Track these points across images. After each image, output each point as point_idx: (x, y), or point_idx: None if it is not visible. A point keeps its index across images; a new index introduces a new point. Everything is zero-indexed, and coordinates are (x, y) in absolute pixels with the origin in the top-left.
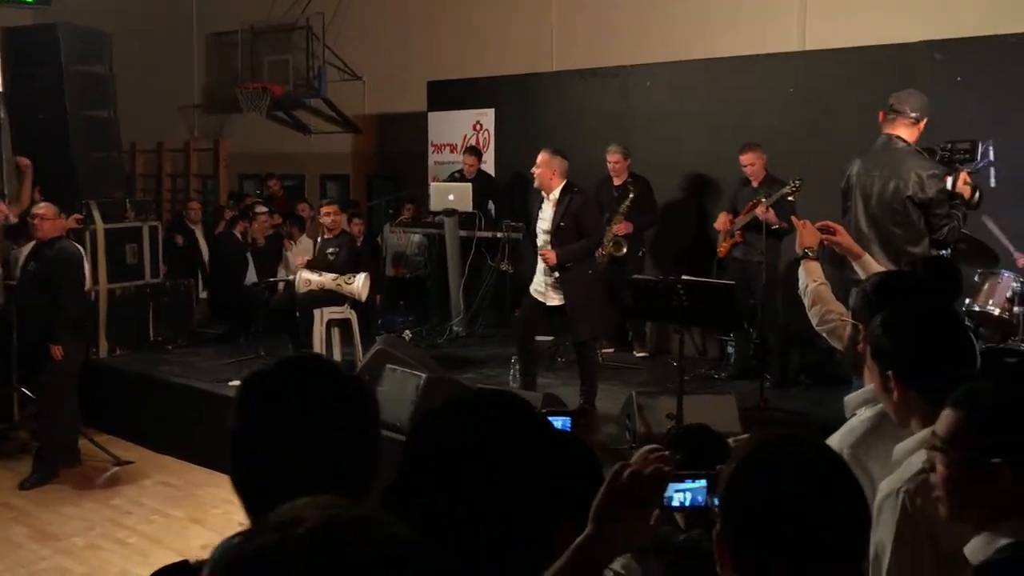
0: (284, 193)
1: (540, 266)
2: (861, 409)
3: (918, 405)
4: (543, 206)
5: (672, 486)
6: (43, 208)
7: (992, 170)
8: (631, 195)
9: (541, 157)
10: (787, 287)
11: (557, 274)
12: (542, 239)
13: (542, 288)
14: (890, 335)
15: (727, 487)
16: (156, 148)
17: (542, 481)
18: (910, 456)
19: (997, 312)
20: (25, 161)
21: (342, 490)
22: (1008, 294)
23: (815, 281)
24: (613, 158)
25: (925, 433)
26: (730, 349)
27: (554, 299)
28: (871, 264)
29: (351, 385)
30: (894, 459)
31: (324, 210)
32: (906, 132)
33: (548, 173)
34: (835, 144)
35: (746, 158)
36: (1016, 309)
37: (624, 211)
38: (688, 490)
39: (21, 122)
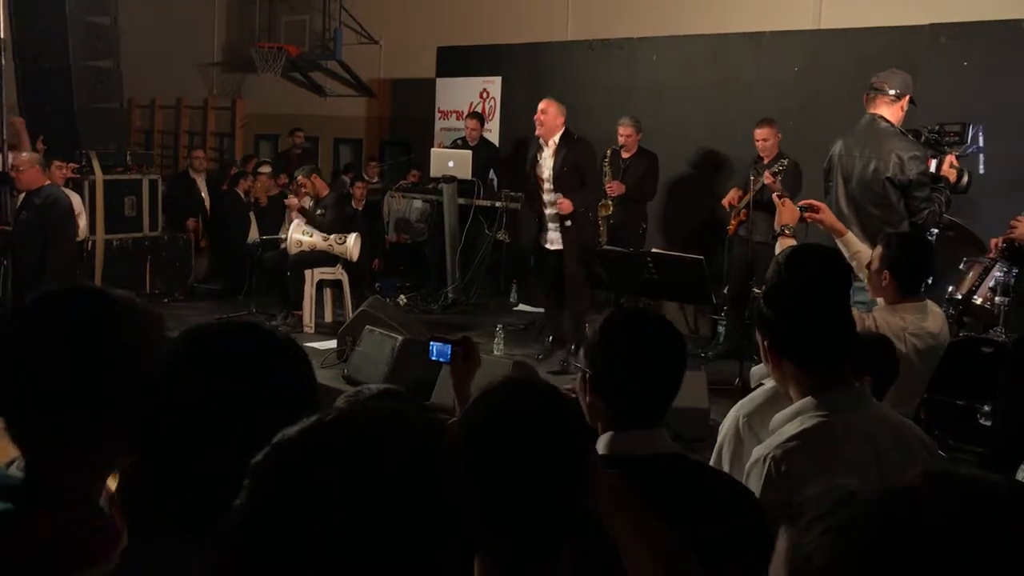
0: (302, 152)
1: (549, 211)
2: (766, 380)
3: (792, 373)
4: (542, 154)
5: None
6: (20, 159)
7: (981, 156)
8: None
9: (547, 104)
10: None
11: (568, 222)
12: (546, 186)
13: (545, 235)
14: (769, 307)
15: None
16: (175, 104)
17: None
18: (785, 425)
19: (979, 301)
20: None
21: (104, 432)
22: (991, 284)
23: None
24: (625, 131)
25: (800, 403)
26: (720, 328)
27: (557, 244)
28: (853, 242)
29: (107, 314)
30: (771, 428)
31: (299, 180)
32: (887, 111)
33: (553, 119)
34: (839, 124)
35: (761, 132)
36: (998, 299)
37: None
38: None
39: (25, 70)
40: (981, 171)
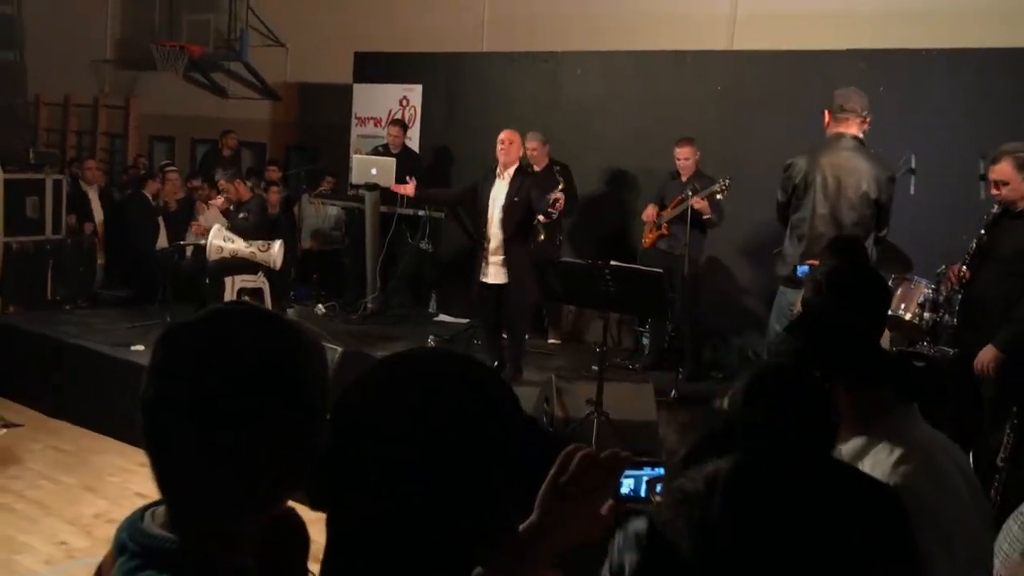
0: (230, 156)
1: (492, 244)
2: None
3: (848, 401)
4: (496, 183)
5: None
6: None
7: (912, 179)
8: (560, 186)
9: (511, 134)
10: (708, 282)
11: (501, 255)
12: (497, 214)
13: (485, 269)
14: (813, 334)
15: None
16: (63, 102)
17: (495, 460)
18: (867, 455)
19: (908, 317)
20: None
21: (278, 471)
22: (920, 299)
23: None
24: (532, 145)
25: (865, 437)
26: (645, 340)
27: (493, 277)
28: None
29: (296, 341)
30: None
31: (221, 185)
32: (858, 130)
33: (517, 149)
34: (760, 143)
35: (682, 151)
36: (927, 315)
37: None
38: (637, 477)
39: None
40: (912, 192)
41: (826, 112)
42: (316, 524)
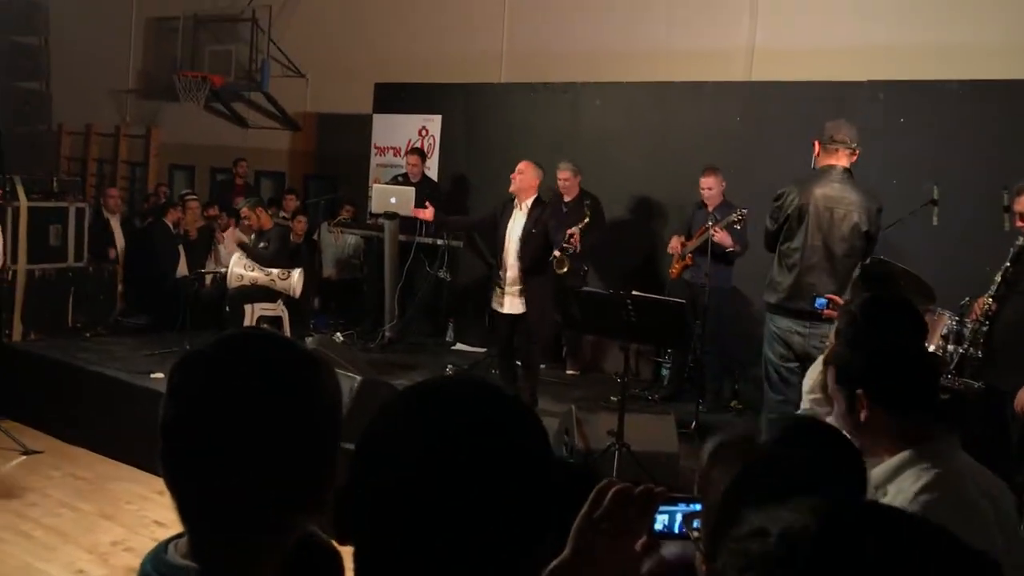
0: (244, 184)
1: (509, 274)
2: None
3: (887, 424)
4: (514, 214)
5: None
6: None
7: (935, 210)
8: (587, 218)
9: (525, 165)
10: (730, 312)
11: (519, 286)
12: (514, 245)
13: (500, 298)
14: (856, 352)
15: None
16: (84, 130)
17: (521, 491)
18: (891, 482)
19: (931, 349)
20: None
21: (292, 494)
22: (943, 331)
23: None
24: (563, 175)
25: (900, 457)
26: (664, 371)
27: (508, 307)
28: None
29: (308, 365)
30: (872, 484)
31: (242, 213)
32: (848, 162)
33: (530, 180)
34: (778, 174)
35: (707, 181)
36: (950, 347)
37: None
38: (671, 513)
39: None
40: (935, 223)
41: (816, 143)
42: (349, 555)
